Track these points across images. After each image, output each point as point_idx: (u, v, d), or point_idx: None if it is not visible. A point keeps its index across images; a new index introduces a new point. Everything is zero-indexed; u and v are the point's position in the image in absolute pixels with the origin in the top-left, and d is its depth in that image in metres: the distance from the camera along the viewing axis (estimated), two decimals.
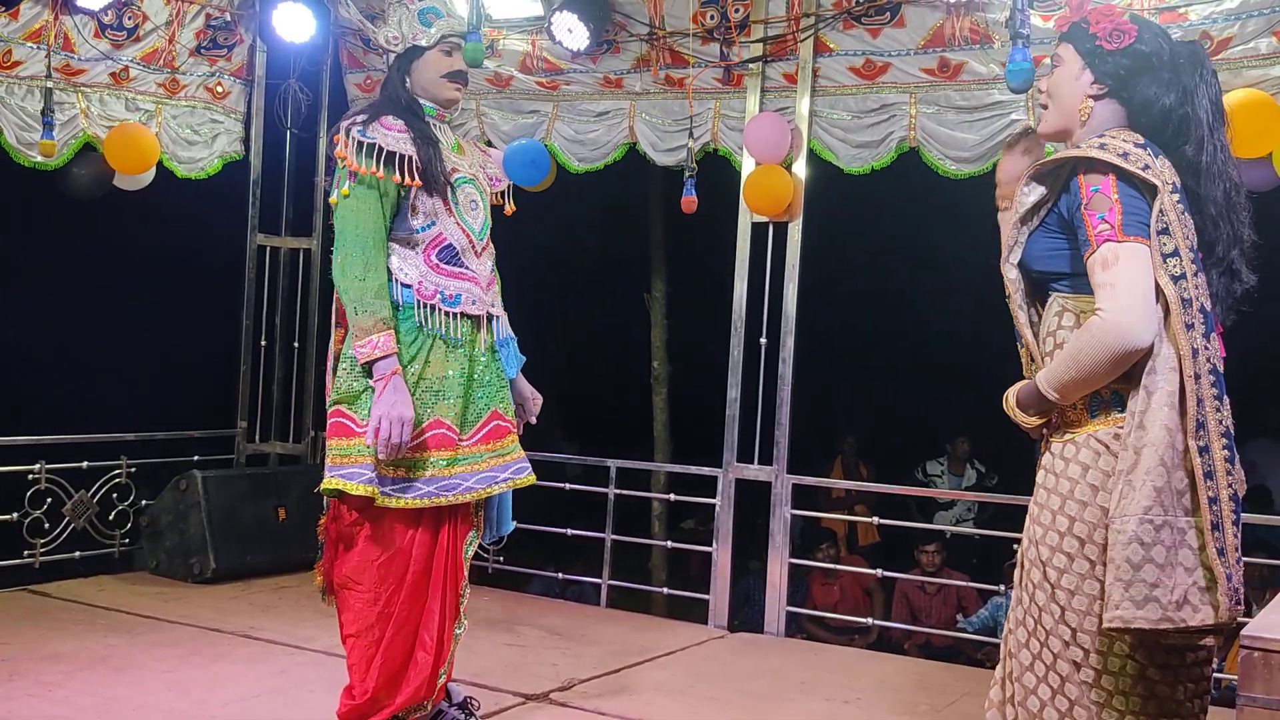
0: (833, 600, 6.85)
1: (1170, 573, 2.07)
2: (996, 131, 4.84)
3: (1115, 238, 2.13)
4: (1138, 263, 2.12)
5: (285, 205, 6.48)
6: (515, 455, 3.28)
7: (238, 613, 5.00)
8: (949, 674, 4.77)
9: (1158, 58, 2.28)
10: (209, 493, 5.60)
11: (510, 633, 4.96)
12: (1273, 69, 4.27)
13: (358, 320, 3.01)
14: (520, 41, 5.76)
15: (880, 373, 9.81)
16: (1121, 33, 2.28)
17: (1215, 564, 2.07)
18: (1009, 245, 2.35)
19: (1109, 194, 2.15)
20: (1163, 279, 2.12)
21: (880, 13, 5.02)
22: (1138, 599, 2.06)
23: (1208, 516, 2.08)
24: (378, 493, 3.03)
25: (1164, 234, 2.13)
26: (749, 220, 5.35)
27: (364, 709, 3.13)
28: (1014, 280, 2.37)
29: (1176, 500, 2.09)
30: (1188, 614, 2.07)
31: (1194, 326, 2.11)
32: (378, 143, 3.06)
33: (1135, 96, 2.28)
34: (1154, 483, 2.08)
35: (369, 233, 3.05)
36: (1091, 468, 2.21)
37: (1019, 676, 2.29)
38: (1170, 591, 2.07)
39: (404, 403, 2.97)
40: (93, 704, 3.72)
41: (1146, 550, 2.07)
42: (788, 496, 5.26)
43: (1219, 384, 2.12)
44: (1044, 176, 2.31)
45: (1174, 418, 2.10)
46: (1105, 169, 2.16)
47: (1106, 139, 2.22)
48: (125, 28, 5.56)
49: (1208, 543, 2.08)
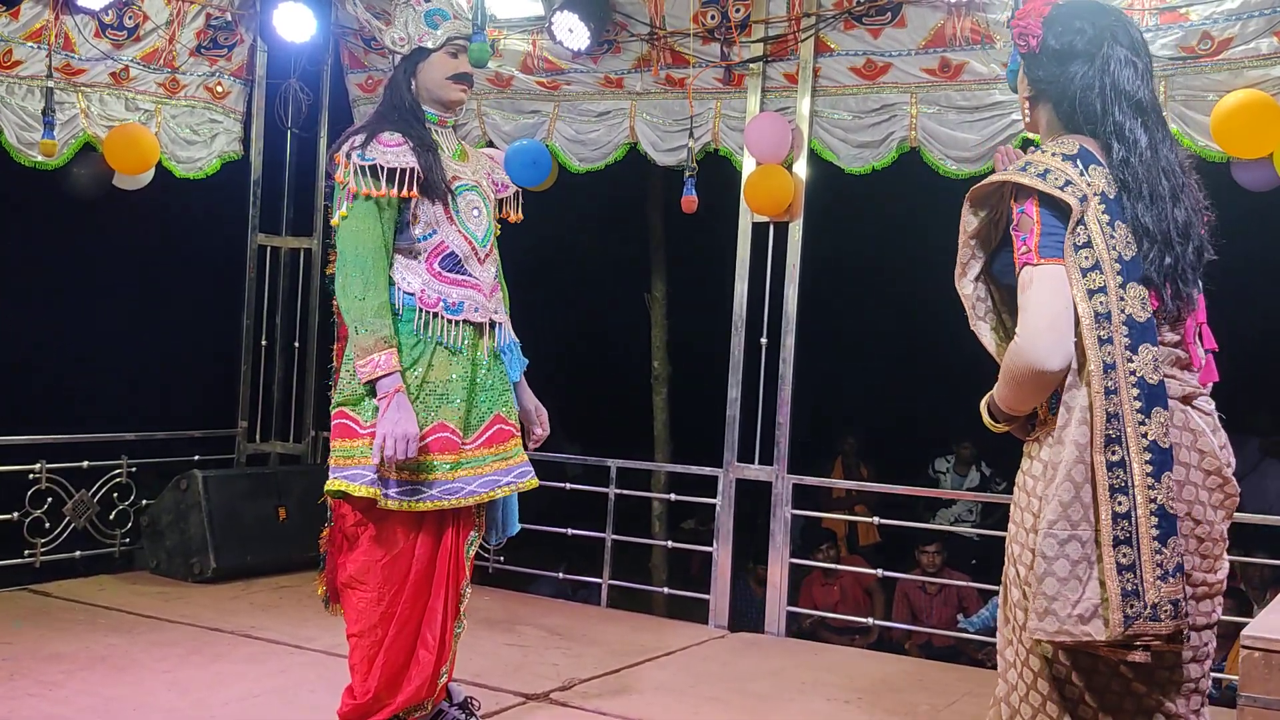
0: (833, 600, 6.85)
1: (1076, 586, 2.08)
2: (997, 131, 4.84)
3: (1032, 260, 2.13)
4: (1048, 285, 2.11)
5: (286, 205, 6.49)
6: (518, 459, 3.27)
7: (238, 612, 5.00)
8: (949, 674, 4.77)
9: (1080, 42, 2.23)
10: (209, 492, 5.60)
11: (511, 633, 4.96)
12: (1273, 69, 4.27)
13: (359, 340, 3.01)
14: (521, 41, 5.76)
15: (881, 373, 9.80)
16: (1026, 35, 2.27)
17: (1110, 579, 2.05)
18: (962, 263, 2.35)
19: (1031, 214, 2.14)
20: (1079, 295, 2.11)
21: (881, 13, 5.02)
22: (1038, 610, 2.08)
23: (1108, 531, 2.06)
24: (380, 495, 3.03)
25: (1085, 248, 2.11)
26: (749, 220, 5.35)
27: (365, 708, 3.14)
28: (969, 296, 2.37)
29: (1086, 514, 2.09)
30: (1095, 628, 2.07)
31: (1111, 340, 2.09)
32: (377, 162, 3.06)
33: (1063, 91, 2.25)
34: (1060, 497, 2.09)
35: (369, 252, 3.05)
36: None
37: (1003, 673, 2.30)
38: (1072, 605, 2.07)
39: (408, 419, 2.97)
40: (93, 704, 3.72)
41: (1048, 563, 2.08)
42: (788, 496, 5.26)
43: (1146, 396, 2.09)
44: (986, 199, 2.29)
45: (1085, 433, 2.10)
46: (1028, 190, 2.16)
47: (1034, 155, 2.21)
48: (125, 27, 5.56)
49: (1104, 558, 2.07)
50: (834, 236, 6.37)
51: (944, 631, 6.32)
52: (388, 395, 2.98)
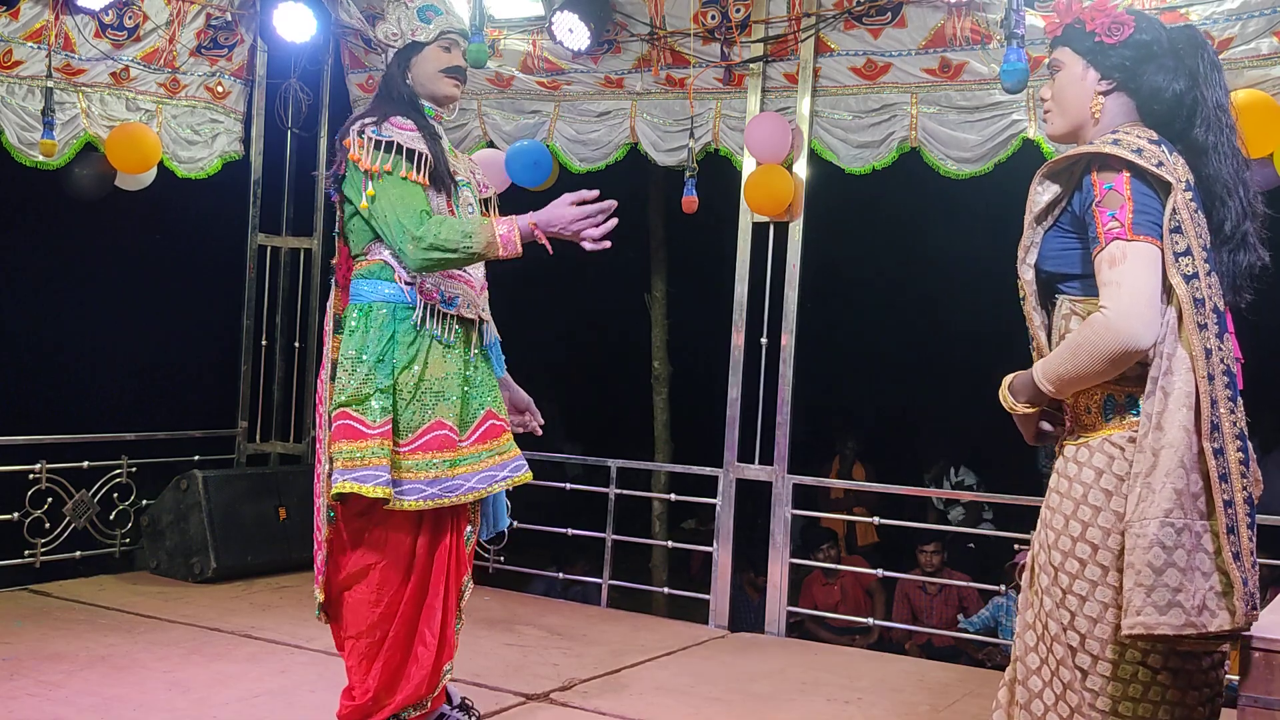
0: (833, 600, 6.85)
1: (1191, 577, 2.04)
2: (997, 132, 4.84)
3: (1125, 236, 2.10)
4: (1144, 263, 2.09)
5: (286, 205, 6.49)
6: (513, 453, 3.29)
7: (238, 612, 5.00)
8: (950, 674, 4.77)
9: (1159, 45, 2.28)
10: (210, 492, 5.61)
11: (511, 633, 4.96)
12: (1273, 69, 4.27)
13: (474, 247, 2.94)
14: (521, 41, 5.76)
15: (881, 374, 9.79)
16: (1120, 25, 2.28)
17: (1231, 568, 2.03)
18: (1025, 246, 2.31)
19: (1122, 191, 2.12)
20: (1175, 279, 2.09)
21: (881, 13, 5.02)
22: (1160, 604, 2.02)
23: (1223, 520, 2.04)
24: (392, 494, 3.01)
25: (1176, 232, 2.10)
26: (750, 220, 5.35)
27: (365, 709, 3.13)
28: (1029, 282, 2.33)
29: (1193, 503, 2.06)
30: (1207, 619, 2.03)
31: (1206, 327, 2.08)
32: (395, 139, 3.05)
33: (1143, 86, 2.27)
34: (1174, 485, 2.05)
35: (413, 209, 2.99)
36: (1105, 472, 2.18)
37: (1025, 680, 2.27)
38: (1192, 596, 2.03)
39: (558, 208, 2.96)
40: (93, 703, 3.72)
41: (1169, 554, 2.03)
42: (788, 496, 5.26)
43: (1232, 385, 2.09)
44: (1058, 175, 2.28)
45: (1191, 419, 2.07)
46: (1119, 165, 2.14)
47: (1120, 134, 2.20)
48: (126, 27, 5.56)
49: (1223, 546, 2.04)
50: (834, 236, 6.37)
51: (944, 632, 6.32)
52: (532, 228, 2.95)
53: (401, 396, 3.08)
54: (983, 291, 3.49)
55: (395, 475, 3.04)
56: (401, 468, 3.05)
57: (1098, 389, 2.21)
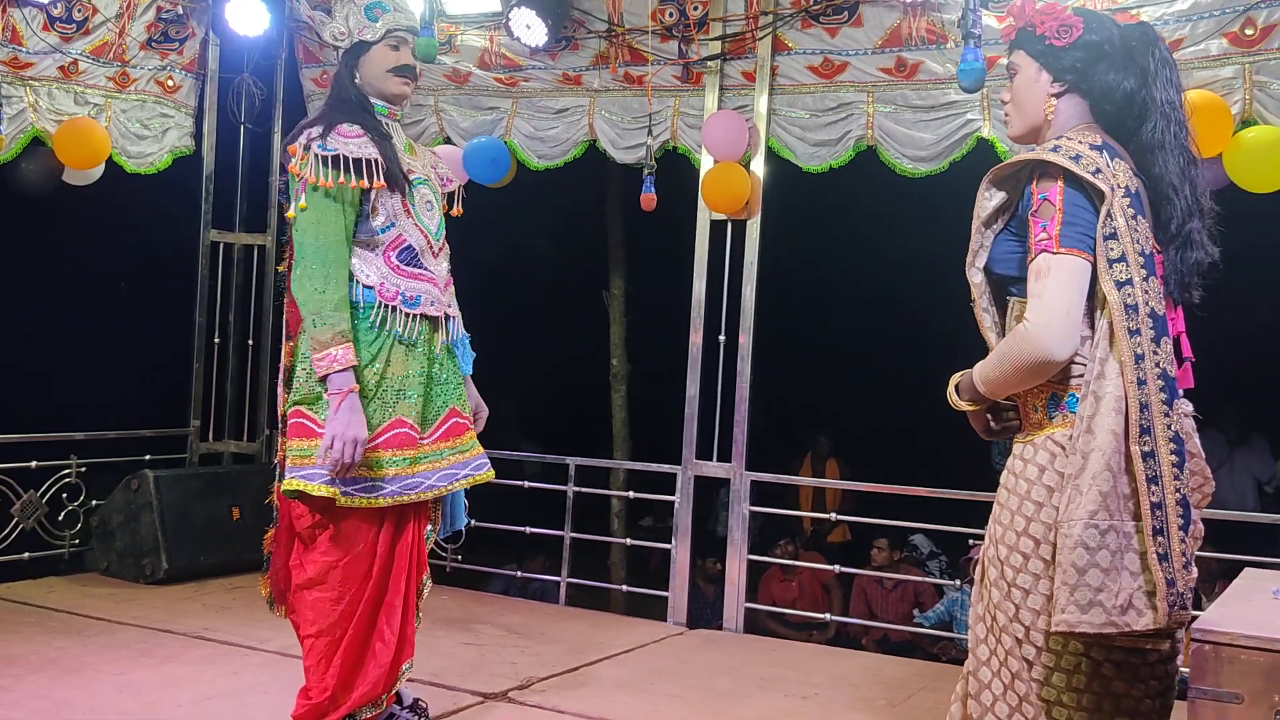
0: (792, 597, 6.89)
1: (1116, 577, 2.08)
2: (952, 131, 4.88)
3: (1051, 248, 2.15)
4: (1067, 276, 2.14)
5: (239, 201, 6.41)
6: (474, 452, 3.29)
7: (191, 614, 4.94)
8: (906, 669, 4.81)
9: (1110, 44, 2.30)
10: (161, 492, 5.53)
11: (469, 631, 4.93)
12: (1223, 70, 4.34)
13: (316, 333, 2.97)
14: (478, 37, 5.73)
15: (848, 371, 9.85)
16: (1068, 27, 2.31)
17: (1156, 569, 2.08)
18: (974, 249, 2.36)
19: (1054, 201, 2.16)
20: (1107, 286, 2.13)
21: (838, 12, 5.04)
22: (1082, 603, 2.08)
23: (1150, 522, 2.08)
24: (339, 494, 3.01)
25: (1111, 239, 2.14)
26: (707, 218, 5.36)
27: (321, 709, 3.11)
28: (978, 285, 2.38)
29: (1123, 504, 2.11)
30: (1132, 618, 2.08)
31: (1139, 332, 2.12)
32: (340, 153, 3.03)
33: (1095, 87, 2.30)
34: (1100, 487, 2.10)
35: (329, 244, 3.01)
36: (1048, 469, 2.22)
37: (976, 670, 2.32)
38: (1115, 596, 2.08)
39: (358, 423, 2.94)
40: (43, 707, 3.66)
41: (1091, 555, 2.08)
42: (747, 493, 5.27)
43: (1168, 388, 2.12)
44: (1003, 180, 2.33)
45: (1120, 423, 2.11)
46: (1056, 173, 2.17)
47: (1062, 140, 2.23)
48: (74, 20, 5.46)
49: (1148, 548, 2.09)
50: (793, 234, 6.40)
51: (900, 627, 6.37)
52: (340, 394, 2.95)
53: (362, 395, 3.06)
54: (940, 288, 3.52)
55: (355, 473, 3.03)
56: (361, 465, 3.03)
57: (1043, 389, 2.25)
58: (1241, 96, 4.29)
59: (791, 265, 6.95)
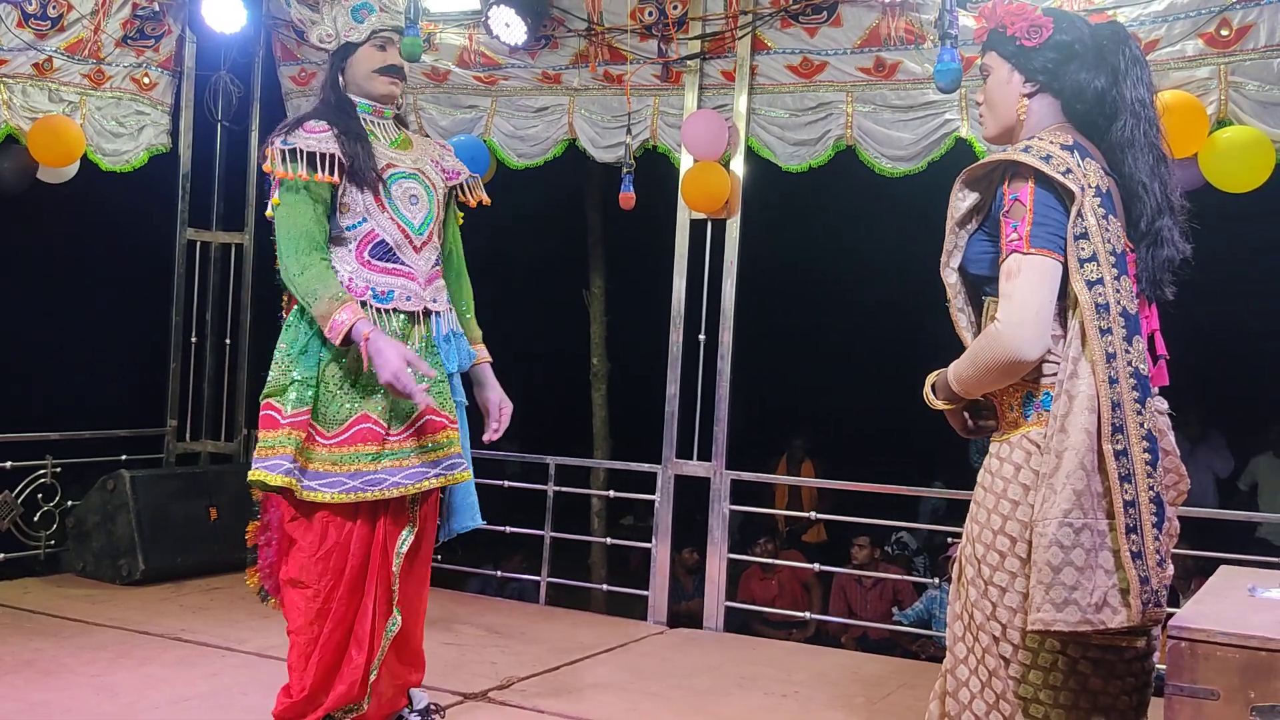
0: (771, 595, 6.90)
1: (1090, 575, 2.10)
2: (931, 130, 4.90)
3: (1021, 249, 2.16)
4: (1037, 276, 2.15)
5: (216, 199, 6.37)
6: (449, 451, 3.17)
7: (168, 615, 4.91)
8: (884, 666, 4.83)
9: (1080, 44, 2.32)
10: (138, 493, 5.49)
11: (448, 631, 4.92)
12: (1198, 70, 4.37)
13: (315, 309, 3.00)
14: (457, 35, 5.71)
15: (827, 370, 9.87)
16: (1038, 28, 2.32)
17: (1130, 567, 2.09)
18: (948, 250, 2.38)
19: (1025, 201, 2.17)
20: (1078, 285, 2.14)
21: (817, 12, 5.05)
22: (1057, 601, 2.09)
23: (1123, 520, 2.10)
24: (296, 485, 3.00)
25: (1082, 239, 2.15)
26: (687, 217, 5.36)
27: (300, 707, 3.10)
28: (953, 285, 2.40)
29: (1097, 503, 2.12)
30: (1106, 616, 2.09)
31: (1111, 331, 2.13)
32: (298, 147, 3.07)
33: (1066, 86, 2.31)
34: (1074, 486, 2.11)
35: (299, 234, 3.06)
36: (1023, 468, 2.23)
37: (953, 668, 2.33)
38: (1089, 594, 2.09)
39: (393, 354, 2.93)
40: (19, 709, 3.63)
41: (1065, 553, 2.09)
42: (727, 492, 5.28)
43: (1141, 386, 2.13)
44: (976, 181, 2.34)
45: (1093, 421, 2.12)
46: (1027, 174, 2.19)
47: (1034, 140, 2.24)
48: (49, 17, 5.41)
49: (1121, 546, 2.11)
50: (773, 233, 6.41)
51: (879, 625, 6.39)
52: (363, 339, 2.94)
53: (327, 389, 3.07)
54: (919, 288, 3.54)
55: (318, 467, 3.04)
56: (326, 460, 3.04)
57: (1017, 388, 2.27)
58: (1217, 97, 4.33)
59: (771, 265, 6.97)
